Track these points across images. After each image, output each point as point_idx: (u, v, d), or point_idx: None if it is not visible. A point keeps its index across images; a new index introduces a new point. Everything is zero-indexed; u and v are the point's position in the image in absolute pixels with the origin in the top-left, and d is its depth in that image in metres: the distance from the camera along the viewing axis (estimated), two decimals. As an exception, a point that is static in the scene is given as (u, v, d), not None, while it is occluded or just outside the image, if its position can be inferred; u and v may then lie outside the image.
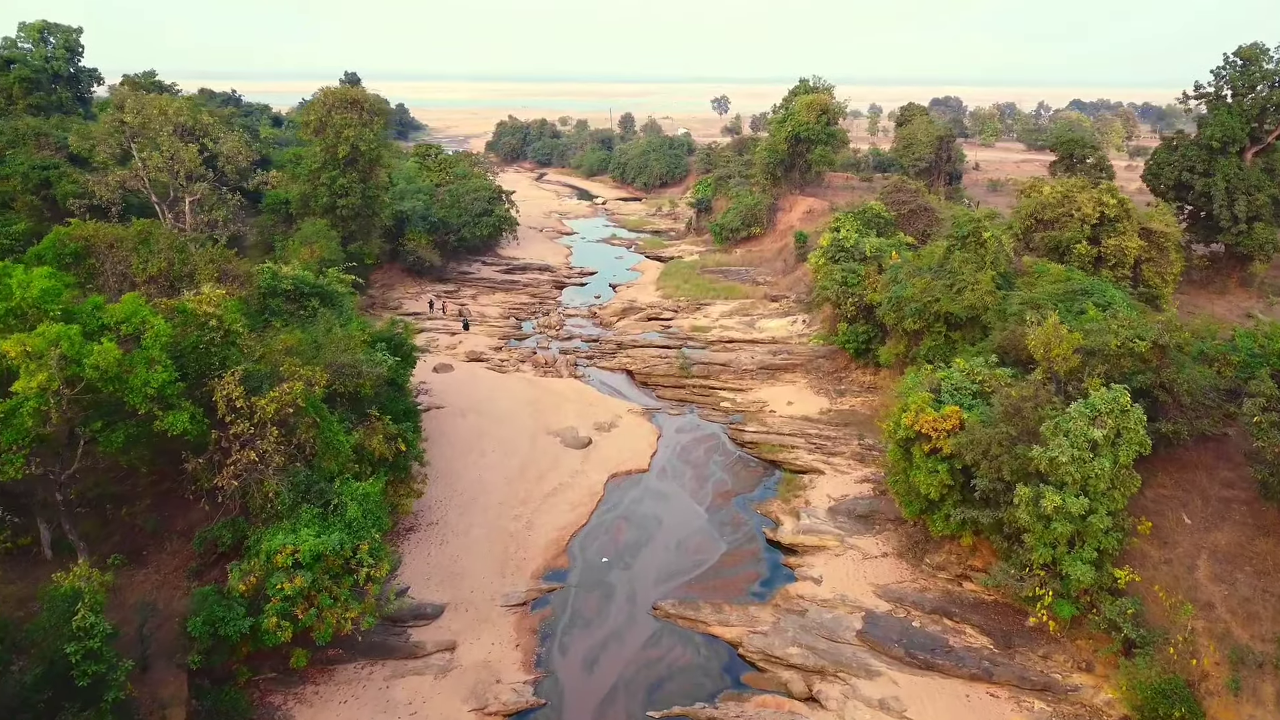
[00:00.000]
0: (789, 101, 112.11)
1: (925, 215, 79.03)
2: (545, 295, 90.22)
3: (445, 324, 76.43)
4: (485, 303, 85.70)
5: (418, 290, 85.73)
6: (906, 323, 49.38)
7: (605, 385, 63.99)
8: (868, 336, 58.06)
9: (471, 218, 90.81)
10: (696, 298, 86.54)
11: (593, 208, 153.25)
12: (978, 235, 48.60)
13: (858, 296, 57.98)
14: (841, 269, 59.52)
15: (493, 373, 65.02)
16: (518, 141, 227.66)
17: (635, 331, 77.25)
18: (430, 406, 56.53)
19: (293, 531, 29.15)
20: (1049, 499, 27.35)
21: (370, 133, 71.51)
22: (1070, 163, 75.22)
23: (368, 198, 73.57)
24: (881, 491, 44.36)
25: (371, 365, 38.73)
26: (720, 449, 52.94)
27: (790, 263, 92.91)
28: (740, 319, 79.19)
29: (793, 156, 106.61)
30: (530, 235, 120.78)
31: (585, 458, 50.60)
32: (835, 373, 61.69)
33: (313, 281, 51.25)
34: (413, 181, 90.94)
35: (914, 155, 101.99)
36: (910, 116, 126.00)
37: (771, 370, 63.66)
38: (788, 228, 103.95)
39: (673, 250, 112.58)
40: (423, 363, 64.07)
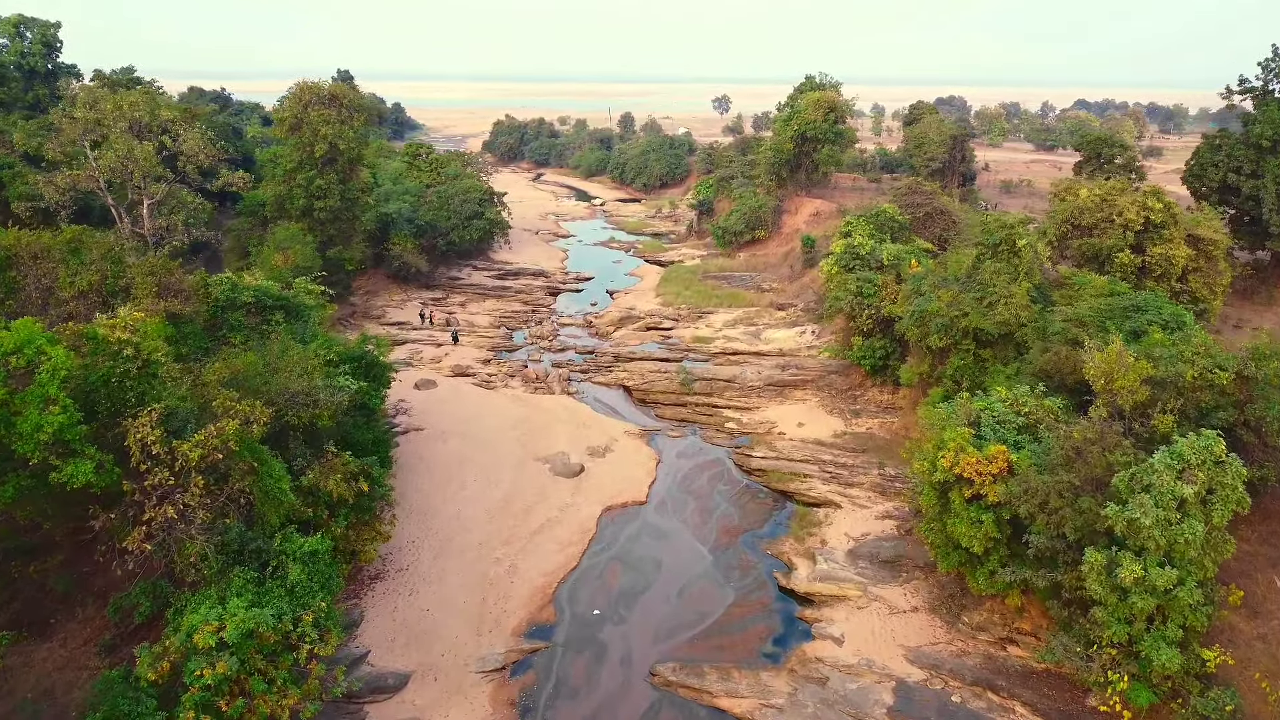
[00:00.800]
0: (794, 99, 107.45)
1: (942, 219, 74.38)
2: (538, 302, 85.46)
3: (431, 335, 71.68)
4: (475, 310, 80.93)
5: (403, 298, 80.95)
6: (931, 339, 44.63)
7: (600, 403, 59.24)
8: (885, 352, 53.32)
9: (460, 221, 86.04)
10: (698, 305, 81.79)
11: (591, 209, 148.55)
12: (1011, 243, 43.87)
13: (874, 309, 53.25)
14: (856, 278, 54.78)
15: (479, 389, 60.25)
16: (515, 141, 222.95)
17: (633, 342, 72.49)
18: (409, 428, 51.82)
19: (220, 602, 24.41)
20: (1127, 569, 22.66)
21: (349, 130, 66.80)
22: (1097, 163, 70.57)
23: (347, 200, 68.86)
24: (907, 531, 39.60)
25: (331, 393, 33.98)
26: (725, 477, 48.19)
27: (797, 268, 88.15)
28: (745, 329, 74.42)
29: (799, 156, 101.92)
30: (525, 238, 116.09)
31: (576, 488, 45.83)
32: (849, 390, 56.92)
33: (276, 293, 46.49)
34: (399, 182, 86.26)
35: (926, 155, 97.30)
36: (919, 115, 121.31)
37: (780, 387, 58.89)
38: (793, 231, 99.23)
39: (673, 254, 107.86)
40: (404, 378, 59.47)
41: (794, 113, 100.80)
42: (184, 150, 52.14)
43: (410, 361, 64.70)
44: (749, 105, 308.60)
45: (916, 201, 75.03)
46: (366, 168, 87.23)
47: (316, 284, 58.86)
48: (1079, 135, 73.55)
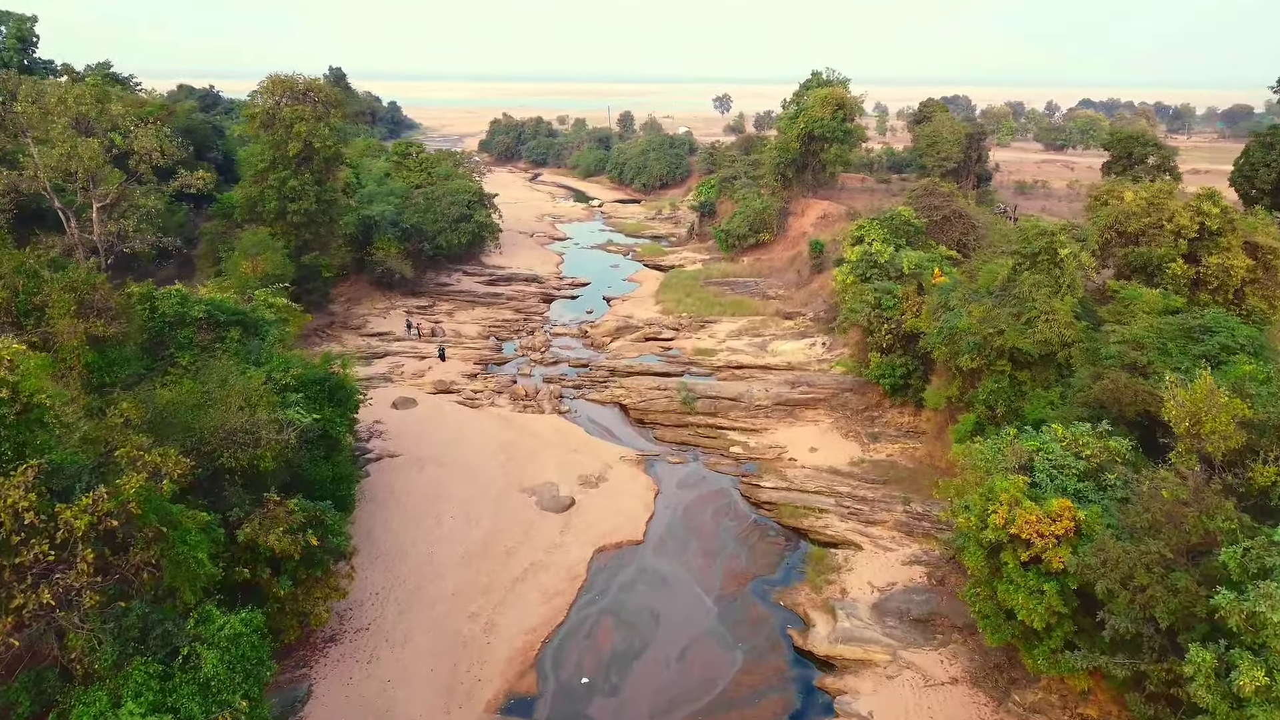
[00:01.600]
0: (800, 96, 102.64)
1: (960, 222, 69.55)
2: (531, 310, 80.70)
3: (415, 346, 66.90)
4: (463, 319, 76.16)
5: (387, 305, 76.16)
6: (962, 360, 39.88)
7: (594, 423, 54.48)
8: (906, 370, 48.56)
9: (448, 224, 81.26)
10: (700, 314, 77.04)
11: (588, 210, 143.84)
12: (1052, 253, 39.10)
13: (895, 322, 48.49)
14: (874, 289, 50.01)
15: (463, 408, 55.48)
16: (512, 140, 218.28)
17: (630, 355, 67.73)
18: (382, 454, 47.06)
19: (113, 705, 19.70)
20: (1248, 674, 17.95)
21: (325, 128, 62.02)
22: (1128, 163, 65.86)
23: (324, 202, 64.11)
24: (939, 581, 34.84)
25: (276, 428, 29.21)
26: (731, 510, 43.42)
27: (805, 274, 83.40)
28: (750, 340, 69.65)
29: (805, 156, 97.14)
30: (519, 241, 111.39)
31: (565, 524, 41.04)
32: (866, 411, 52.14)
33: (232, 307, 41.75)
34: (384, 183, 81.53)
35: (939, 155, 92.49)
36: (930, 113, 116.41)
37: (790, 407, 54.10)
38: (800, 234, 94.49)
39: (673, 258, 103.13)
40: (382, 395, 54.77)
41: (800, 110, 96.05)
42: (135, 148, 47.34)
43: (390, 376, 59.96)
44: (750, 105, 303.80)
45: (933, 204, 70.23)
46: (349, 167, 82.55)
47: (282, 294, 54.30)
48: (1109, 134, 68.81)
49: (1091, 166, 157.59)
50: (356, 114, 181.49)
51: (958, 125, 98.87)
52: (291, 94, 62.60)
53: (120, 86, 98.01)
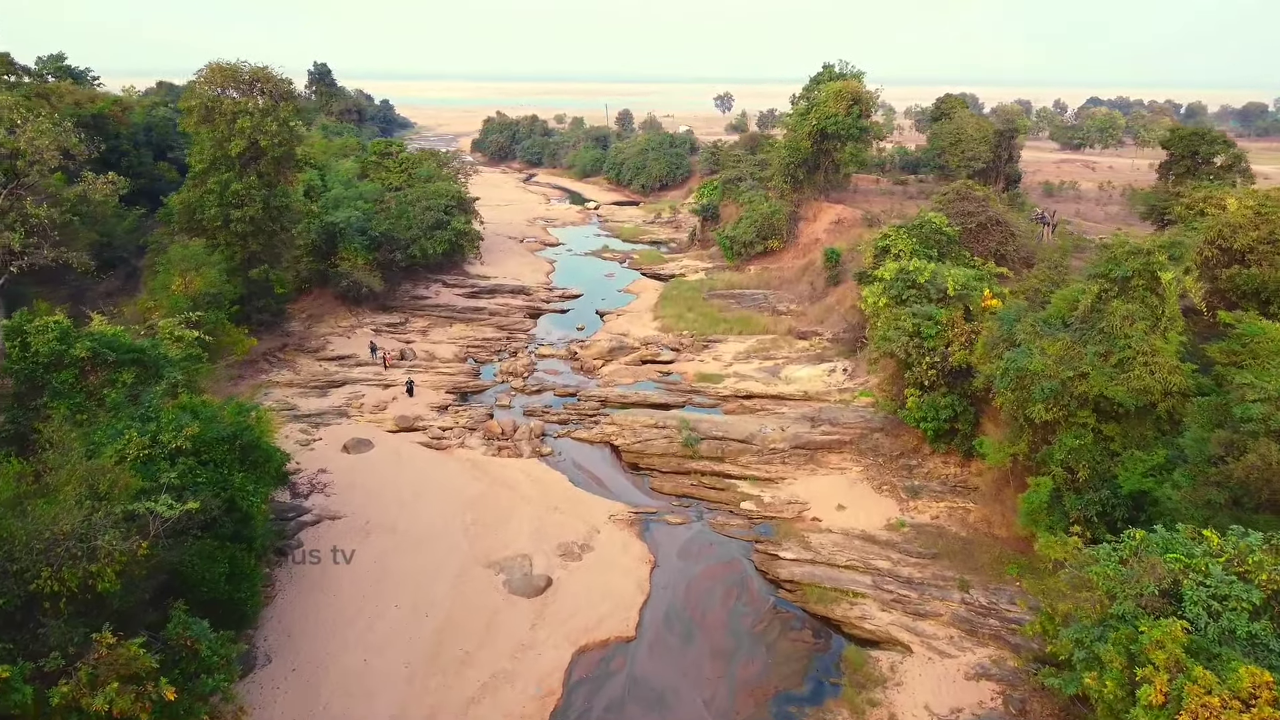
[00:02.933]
0: (810, 91, 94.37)
1: (998, 230, 61.58)
2: (515, 327, 72.61)
3: (378, 373, 58.84)
4: (438, 338, 68.07)
5: (353, 323, 68.03)
6: (1035, 409, 31.81)
7: (580, 470, 46.42)
8: (953, 413, 40.47)
9: (422, 231, 73.12)
10: (703, 332, 68.99)
11: (584, 213, 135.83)
12: (1149, 277, 31.08)
13: (939, 355, 40.40)
14: (912, 314, 41.92)
15: (428, 450, 47.43)
16: (506, 140, 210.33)
17: (625, 381, 59.69)
18: (322, 516, 38.98)
19: None
20: None
21: (273, 122, 53.95)
22: (1192, 163, 57.87)
23: (274, 207, 56.08)
24: (1020, 711, 26.75)
25: (118, 537, 21.11)
26: (745, 590, 35.38)
27: (819, 286, 75.34)
28: (760, 364, 61.60)
29: (817, 155, 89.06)
30: (507, 248, 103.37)
31: (539, 614, 32.97)
32: (901, 457, 44.03)
33: (126, 343, 33.74)
34: (352, 186, 73.53)
35: (964, 154, 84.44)
36: (948, 110, 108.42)
37: (810, 451, 46.00)
38: (812, 241, 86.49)
39: (673, 266, 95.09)
40: (334, 435, 46.85)
41: (812, 106, 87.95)
42: (22, 146, 39.27)
43: (346, 410, 51.89)
44: (751, 105, 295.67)
45: (966, 209, 62.21)
46: (314, 168, 74.52)
47: (222, 316, 46.50)
48: (1170, 130, 60.90)
49: (1113, 166, 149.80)
50: (342, 112, 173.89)
51: (984, 122, 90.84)
52: (236, 84, 54.52)
53: (70, 80, 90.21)
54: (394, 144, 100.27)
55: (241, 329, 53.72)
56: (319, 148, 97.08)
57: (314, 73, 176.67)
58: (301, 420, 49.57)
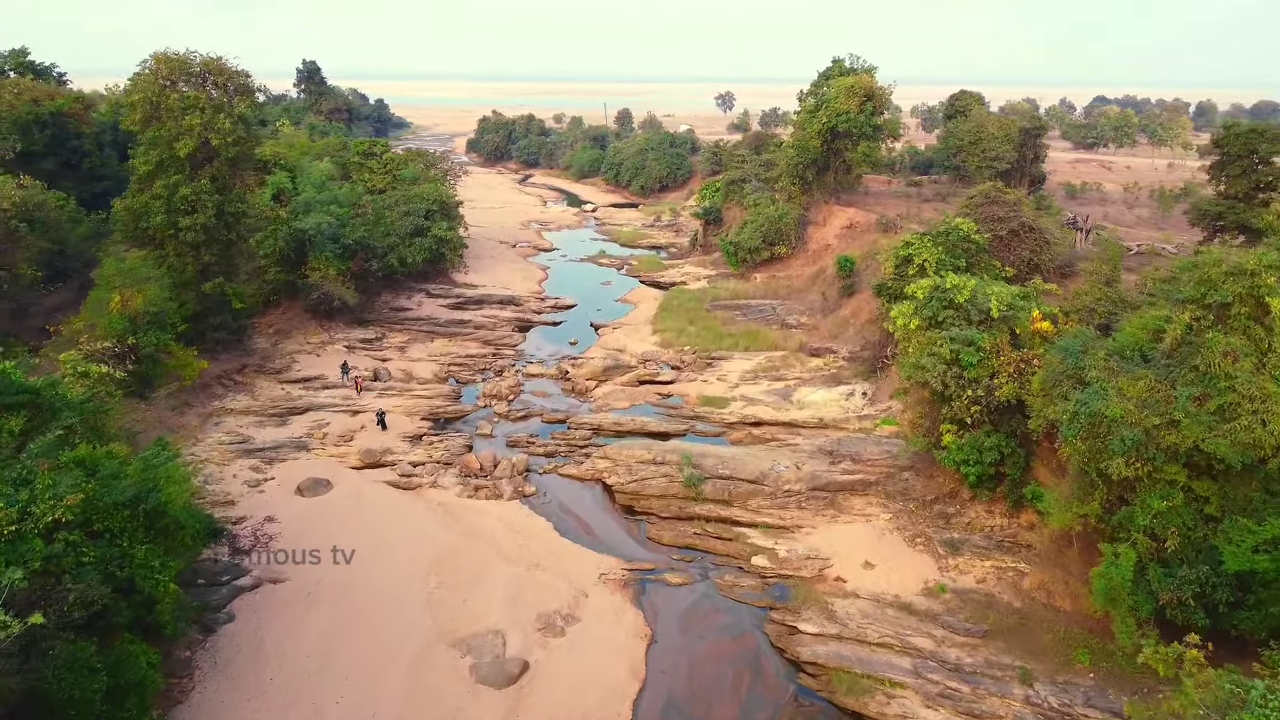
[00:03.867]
0: (820, 87, 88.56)
1: (1030, 238, 55.96)
2: (503, 342, 66.91)
3: (348, 397, 53.15)
4: (417, 355, 62.36)
5: (324, 339, 62.31)
6: (1112, 464, 26.10)
7: (567, 514, 40.73)
8: (999, 455, 34.73)
9: (400, 239, 67.33)
10: (706, 348, 63.28)
11: (580, 216, 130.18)
12: (1257, 304, 25.39)
13: (983, 388, 34.68)
14: (950, 339, 36.17)
15: (394, 491, 41.74)
16: (502, 140, 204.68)
17: (620, 404, 54.03)
18: (262, 580, 33.28)
19: None
20: None
21: (227, 119, 48.26)
22: (1249, 164, 52.16)
23: (229, 214, 50.39)
24: None
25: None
26: (758, 673, 29.69)
27: (832, 297, 69.62)
28: (769, 385, 55.90)
29: (827, 155, 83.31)
30: (498, 254, 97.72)
31: (513, 709, 27.25)
32: (935, 502, 38.30)
33: (19, 382, 28.08)
34: (326, 189, 67.88)
35: (985, 153, 78.68)
36: (964, 107, 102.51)
37: (830, 493, 40.27)
38: (822, 247, 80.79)
39: (674, 273, 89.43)
40: (288, 473, 41.27)
41: (822, 102, 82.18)
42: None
43: (306, 442, 46.18)
44: (753, 104, 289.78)
45: (996, 214, 56.53)
46: (284, 170, 68.86)
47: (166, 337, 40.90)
48: (1224, 127, 55.21)
49: (1130, 166, 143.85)
50: (332, 111, 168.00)
51: (1006, 120, 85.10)
52: (185, 76, 48.84)
53: (31, 76, 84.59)
54: (378, 144, 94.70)
55: (191, 350, 48.12)
56: (301, 147, 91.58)
57: (303, 71, 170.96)
58: (254, 455, 43.87)
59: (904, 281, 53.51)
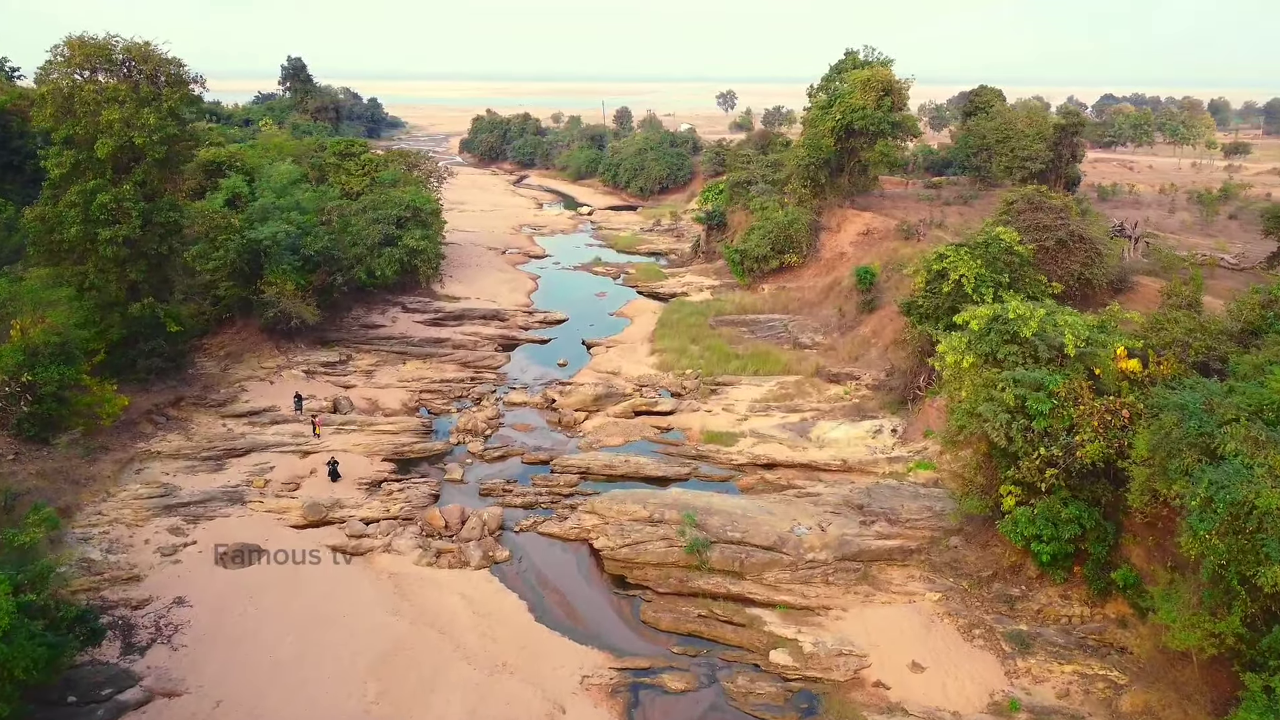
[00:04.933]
0: (832, 81, 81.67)
1: (1081, 249, 49.18)
2: (484, 363, 60.06)
3: (300, 433, 46.27)
4: (385, 381, 55.46)
5: (281, 363, 55.40)
6: (1266, 573, 19.21)
7: (545, 588, 33.87)
8: (1080, 529, 27.79)
9: (367, 249, 60.33)
10: (710, 372, 56.39)
11: (575, 219, 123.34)
12: None
13: (1061, 447, 27.74)
14: (1014, 381, 29.26)
15: (339, 557, 34.84)
16: (496, 139, 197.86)
17: (613, 439, 47.21)
18: (153, 693, 26.37)
19: None
20: None
21: (152, 115, 41.38)
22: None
23: (159, 224, 43.51)
24: None
25: None
26: (784, 828, 22.76)
27: (850, 312, 62.72)
28: (783, 417, 49.02)
29: (841, 155, 76.47)
30: (485, 261, 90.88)
31: None
32: (994, 578, 31.36)
33: None
34: (288, 193, 61.01)
35: (1016, 154, 71.66)
36: (984, 103, 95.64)
37: (862, 564, 33.35)
38: (836, 255, 73.93)
39: (674, 283, 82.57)
40: (211, 535, 34.55)
41: (836, 98, 75.31)
42: None
43: (243, 493, 39.26)
44: (755, 103, 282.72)
45: (1041, 223, 49.68)
46: (239, 172, 61.99)
47: (50, 380, 34.20)
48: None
49: (1153, 165, 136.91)
50: (317, 110, 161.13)
51: (1038, 115, 78.19)
52: (105, 65, 41.95)
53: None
54: (356, 143, 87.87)
55: (110, 384, 41.31)
56: (267, 146, 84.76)
57: (288, 68, 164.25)
58: (175, 511, 36.97)
59: (937, 299, 46.78)
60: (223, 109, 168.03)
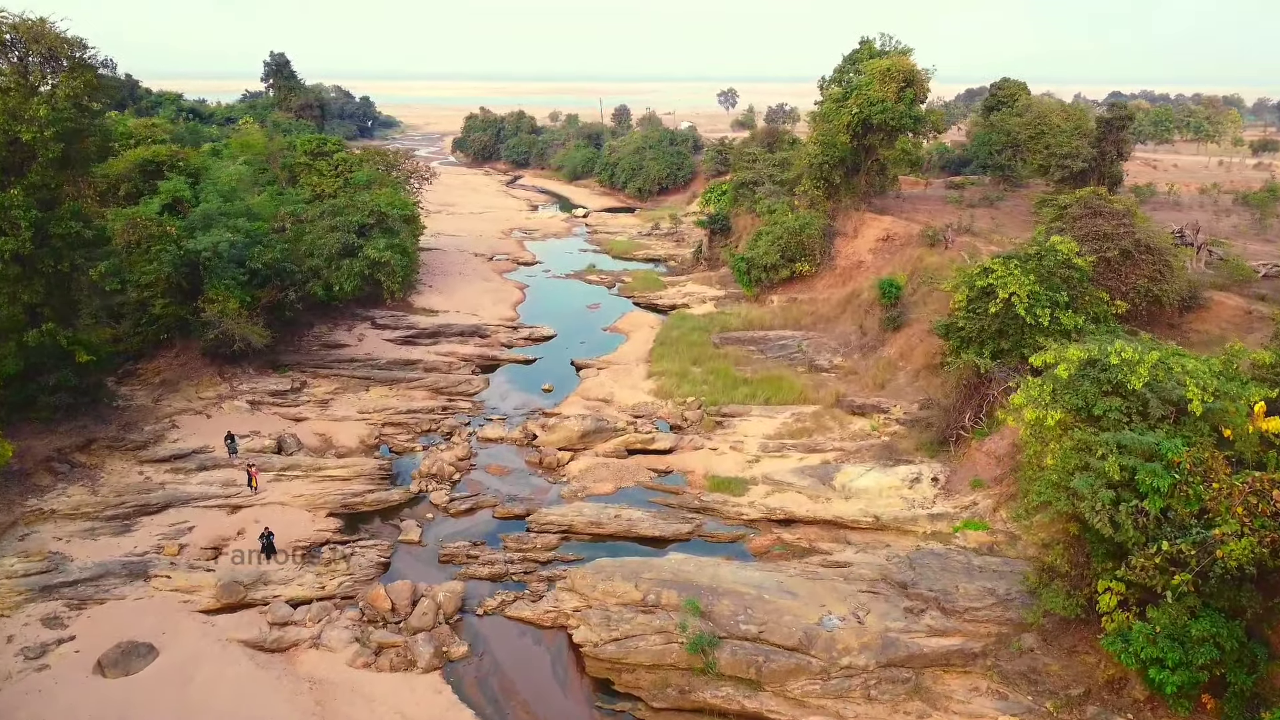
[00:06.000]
0: (845, 73, 74.48)
1: (1148, 261, 42.10)
2: (459, 390, 53.05)
3: (232, 480, 39.23)
4: (344, 412, 48.41)
5: (223, 392, 48.35)
6: None
7: (511, 699, 26.78)
8: (1217, 653, 20.67)
9: (324, 261, 53.18)
10: (715, 400, 49.41)
11: (569, 222, 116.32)
12: None
13: (1193, 542, 20.64)
14: (1119, 447, 22.18)
15: (253, 656, 27.80)
16: (489, 138, 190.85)
17: (602, 486, 40.27)
18: None
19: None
20: None
21: (43, 106, 34.35)
22: None
23: (59, 237, 36.47)
24: None
25: None
26: None
27: (872, 330, 55.71)
28: (800, 458, 41.96)
29: (858, 153, 69.42)
30: (470, 269, 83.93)
31: None
32: (1084, 698, 24.14)
33: None
34: (237, 198, 54.03)
35: (1053, 152, 64.47)
36: (1009, 97, 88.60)
37: (913, 670, 26.24)
38: (854, 264, 66.82)
39: (674, 293, 75.61)
40: (98, 627, 27.46)
41: (852, 90, 68.20)
42: None
43: (147, 564, 32.20)
44: (757, 102, 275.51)
45: (1101, 230, 42.67)
46: (179, 174, 54.96)
47: None
48: None
49: (1178, 164, 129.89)
50: (301, 108, 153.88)
51: (1074, 109, 71.11)
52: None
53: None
54: (329, 141, 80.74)
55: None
56: (243, 145, 78.00)
57: (270, 64, 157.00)
58: (56, 594, 29.92)
59: (982, 320, 39.81)
60: (205, 108, 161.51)
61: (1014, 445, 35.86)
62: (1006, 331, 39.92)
